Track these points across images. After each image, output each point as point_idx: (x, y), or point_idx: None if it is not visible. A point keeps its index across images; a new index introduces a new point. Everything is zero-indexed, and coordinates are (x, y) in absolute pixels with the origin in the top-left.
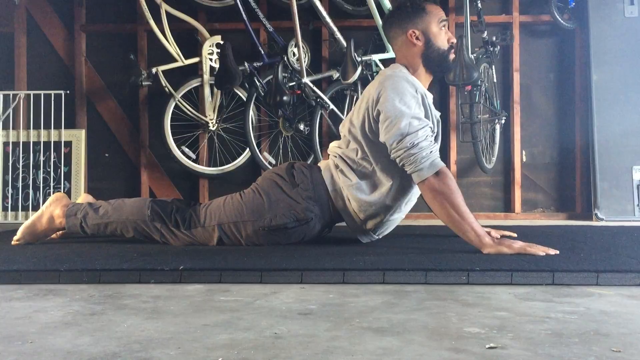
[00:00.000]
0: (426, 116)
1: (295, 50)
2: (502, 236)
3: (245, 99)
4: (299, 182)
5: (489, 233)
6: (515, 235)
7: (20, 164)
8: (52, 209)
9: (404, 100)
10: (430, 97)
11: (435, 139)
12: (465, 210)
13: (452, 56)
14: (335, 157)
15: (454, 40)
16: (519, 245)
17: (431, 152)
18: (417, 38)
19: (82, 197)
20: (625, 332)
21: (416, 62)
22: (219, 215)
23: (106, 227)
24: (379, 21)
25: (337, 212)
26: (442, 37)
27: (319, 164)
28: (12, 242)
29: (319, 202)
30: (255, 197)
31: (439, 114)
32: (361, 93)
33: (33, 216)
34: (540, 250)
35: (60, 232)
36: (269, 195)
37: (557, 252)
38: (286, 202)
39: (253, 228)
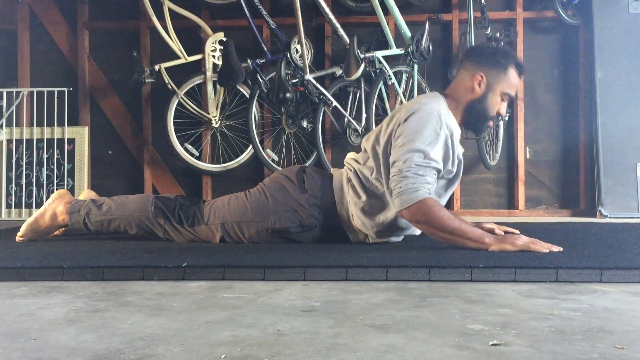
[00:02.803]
0: (446, 155)
1: (298, 47)
2: (506, 232)
3: (248, 96)
4: (309, 187)
5: (492, 230)
6: (517, 232)
7: (24, 161)
8: (54, 205)
9: (423, 132)
10: (457, 134)
11: (454, 178)
12: (453, 227)
13: (490, 123)
14: (350, 170)
15: (503, 114)
16: (522, 242)
17: (413, 185)
18: (479, 84)
19: (85, 193)
20: (629, 329)
21: (462, 101)
22: (223, 214)
23: (109, 223)
24: (382, 18)
25: (340, 225)
26: (497, 103)
27: (332, 172)
28: (16, 239)
29: (325, 210)
30: (261, 198)
31: (463, 151)
32: (364, 90)
33: (36, 213)
34: (543, 248)
35: (63, 228)
36: (275, 197)
37: (561, 249)
38: (292, 207)
39: (256, 229)
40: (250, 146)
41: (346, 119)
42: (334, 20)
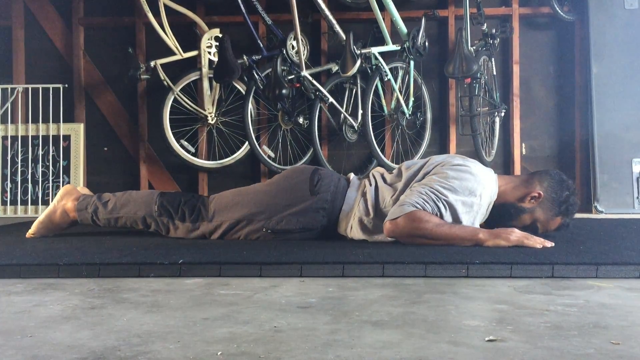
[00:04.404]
0: (460, 214)
1: (294, 43)
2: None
3: (244, 93)
4: (321, 191)
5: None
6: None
7: (19, 158)
8: (63, 203)
9: (452, 182)
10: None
11: None
12: (445, 234)
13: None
14: (370, 185)
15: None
16: (515, 237)
17: (409, 201)
18: (531, 198)
19: (80, 190)
20: (625, 325)
21: (506, 195)
22: (227, 212)
23: (116, 221)
24: (379, 14)
25: (338, 231)
26: (524, 224)
27: (350, 177)
28: (27, 236)
29: (330, 214)
30: (267, 196)
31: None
32: (360, 86)
33: (46, 211)
34: (537, 243)
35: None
36: (282, 196)
37: (553, 244)
38: (297, 208)
39: (257, 227)
40: (247, 142)
41: (342, 115)
42: (330, 17)
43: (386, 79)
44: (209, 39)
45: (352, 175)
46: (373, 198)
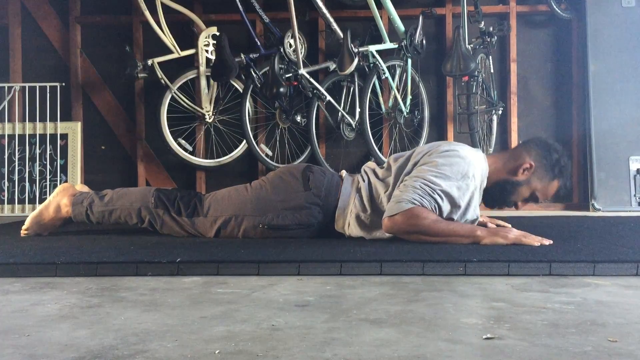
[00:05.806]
0: (457, 199)
1: (292, 41)
2: (497, 225)
3: (241, 91)
4: (313, 186)
5: (484, 224)
6: (509, 225)
7: (16, 156)
8: (59, 198)
9: (443, 170)
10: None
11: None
12: (443, 230)
13: (503, 207)
14: (363, 181)
15: (519, 209)
16: (513, 235)
17: (405, 197)
18: (524, 170)
19: (79, 188)
20: (622, 322)
21: (498, 172)
22: (223, 208)
23: (110, 214)
24: (376, 12)
25: (335, 228)
26: (523, 196)
27: (342, 174)
28: (21, 233)
29: (325, 210)
30: (262, 193)
31: (479, 216)
32: (358, 84)
33: (40, 206)
34: (535, 241)
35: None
36: (276, 193)
37: (551, 242)
38: (292, 204)
39: (253, 223)
40: (244, 141)
41: (340, 113)
42: (328, 15)
43: (384, 77)
44: (206, 37)
45: (344, 172)
46: (368, 194)
